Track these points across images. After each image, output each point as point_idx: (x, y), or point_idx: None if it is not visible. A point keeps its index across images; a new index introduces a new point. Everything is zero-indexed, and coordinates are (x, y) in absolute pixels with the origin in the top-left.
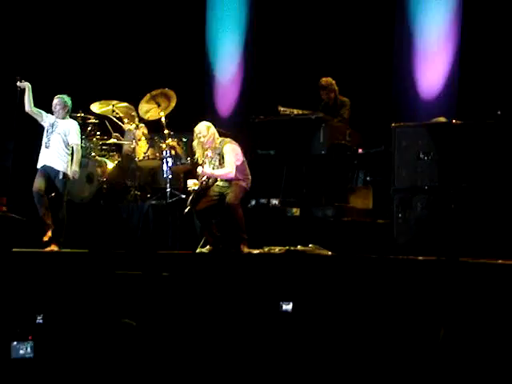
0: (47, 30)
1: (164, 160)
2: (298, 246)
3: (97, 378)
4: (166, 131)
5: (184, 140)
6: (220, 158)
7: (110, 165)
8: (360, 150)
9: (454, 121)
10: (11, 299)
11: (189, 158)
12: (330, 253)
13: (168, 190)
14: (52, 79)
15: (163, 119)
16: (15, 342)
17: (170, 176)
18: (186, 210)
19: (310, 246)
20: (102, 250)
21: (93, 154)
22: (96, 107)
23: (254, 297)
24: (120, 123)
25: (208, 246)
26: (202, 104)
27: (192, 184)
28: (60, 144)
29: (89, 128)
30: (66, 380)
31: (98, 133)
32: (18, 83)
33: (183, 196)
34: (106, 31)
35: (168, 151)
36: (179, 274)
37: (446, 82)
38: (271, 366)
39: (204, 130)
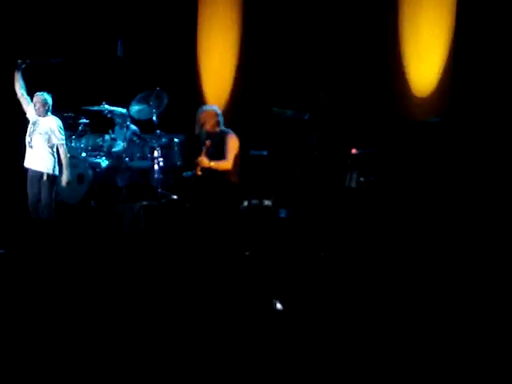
0: (39, 28)
1: (155, 160)
2: None
3: None
4: (157, 131)
5: (176, 140)
6: (219, 148)
7: (101, 165)
8: (353, 151)
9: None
10: None
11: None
12: None
13: (159, 190)
14: (41, 79)
15: (154, 119)
16: None
17: (162, 177)
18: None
19: None
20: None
21: (83, 154)
22: (87, 107)
23: (246, 296)
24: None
25: None
26: (193, 104)
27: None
28: (43, 144)
29: (79, 128)
30: None
31: (89, 133)
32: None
33: (174, 197)
34: (97, 30)
35: (159, 151)
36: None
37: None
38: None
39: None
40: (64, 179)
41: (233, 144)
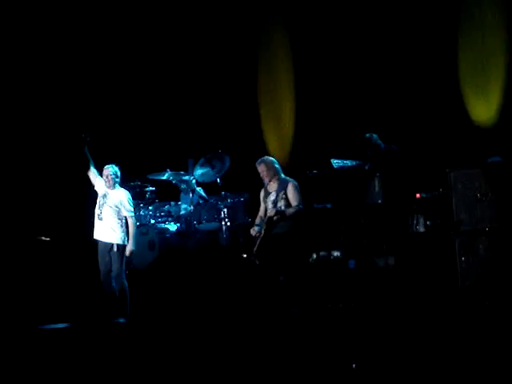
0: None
1: (223, 221)
2: None
3: None
4: (222, 192)
5: (241, 199)
6: (282, 196)
7: (170, 230)
8: (418, 195)
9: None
10: None
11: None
12: None
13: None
14: (105, 149)
15: (218, 181)
16: None
17: (229, 236)
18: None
19: None
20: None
21: (152, 220)
22: (153, 176)
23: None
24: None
25: None
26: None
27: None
28: (112, 216)
29: (146, 195)
30: None
31: (156, 200)
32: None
33: (245, 255)
34: (159, 97)
35: (226, 212)
36: None
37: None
38: None
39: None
40: (128, 249)
41: (295, 189)
